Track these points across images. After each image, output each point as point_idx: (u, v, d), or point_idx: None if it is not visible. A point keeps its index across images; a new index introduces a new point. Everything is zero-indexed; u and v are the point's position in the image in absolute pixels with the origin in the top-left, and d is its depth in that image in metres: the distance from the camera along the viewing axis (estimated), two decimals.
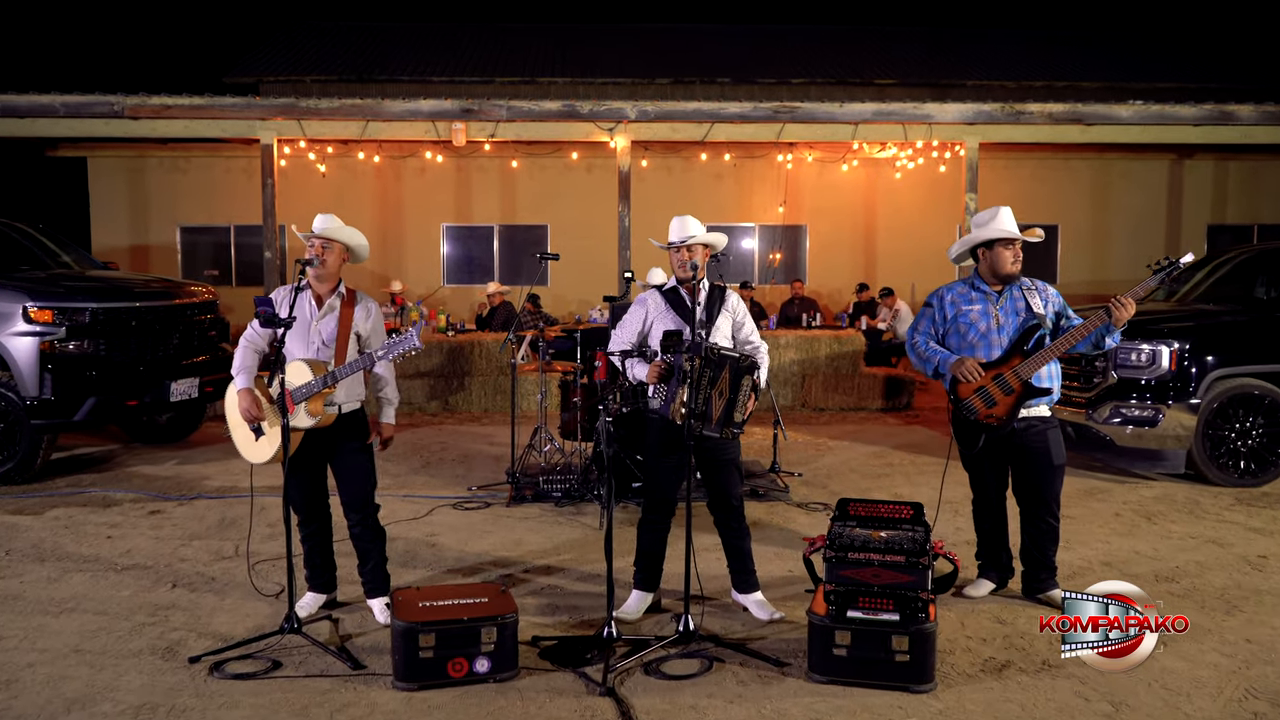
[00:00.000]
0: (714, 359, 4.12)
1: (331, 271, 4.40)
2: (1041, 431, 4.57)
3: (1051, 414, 4.63)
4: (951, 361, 4.58)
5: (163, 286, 8.63)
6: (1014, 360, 4.49)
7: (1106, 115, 10.74)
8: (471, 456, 8.41)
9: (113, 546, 5.71)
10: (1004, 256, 4.64)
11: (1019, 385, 4.46)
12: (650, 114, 10.73)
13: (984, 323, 4.62)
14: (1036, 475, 4.60)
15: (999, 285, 4.67)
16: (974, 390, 4.53)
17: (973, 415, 4.54)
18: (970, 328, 4.65)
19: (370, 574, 4.52)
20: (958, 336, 4.69)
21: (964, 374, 4.52)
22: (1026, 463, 4.61)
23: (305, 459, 4.38)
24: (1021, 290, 4.64)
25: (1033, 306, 4.58)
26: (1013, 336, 4.55)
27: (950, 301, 4.75)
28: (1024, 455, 4.60)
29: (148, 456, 8.41)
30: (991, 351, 4.58)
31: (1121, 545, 5.69)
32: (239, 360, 4.39)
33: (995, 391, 4.49)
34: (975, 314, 4.66)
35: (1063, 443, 4.65)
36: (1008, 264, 4.63)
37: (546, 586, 4.97)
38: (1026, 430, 4.55)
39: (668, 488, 4.45)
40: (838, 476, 7.60)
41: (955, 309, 4.72)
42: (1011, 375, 4.47)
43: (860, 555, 3.80)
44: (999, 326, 4.60)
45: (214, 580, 5.08)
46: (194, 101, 10.58)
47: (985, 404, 4.51)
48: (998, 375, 4.50)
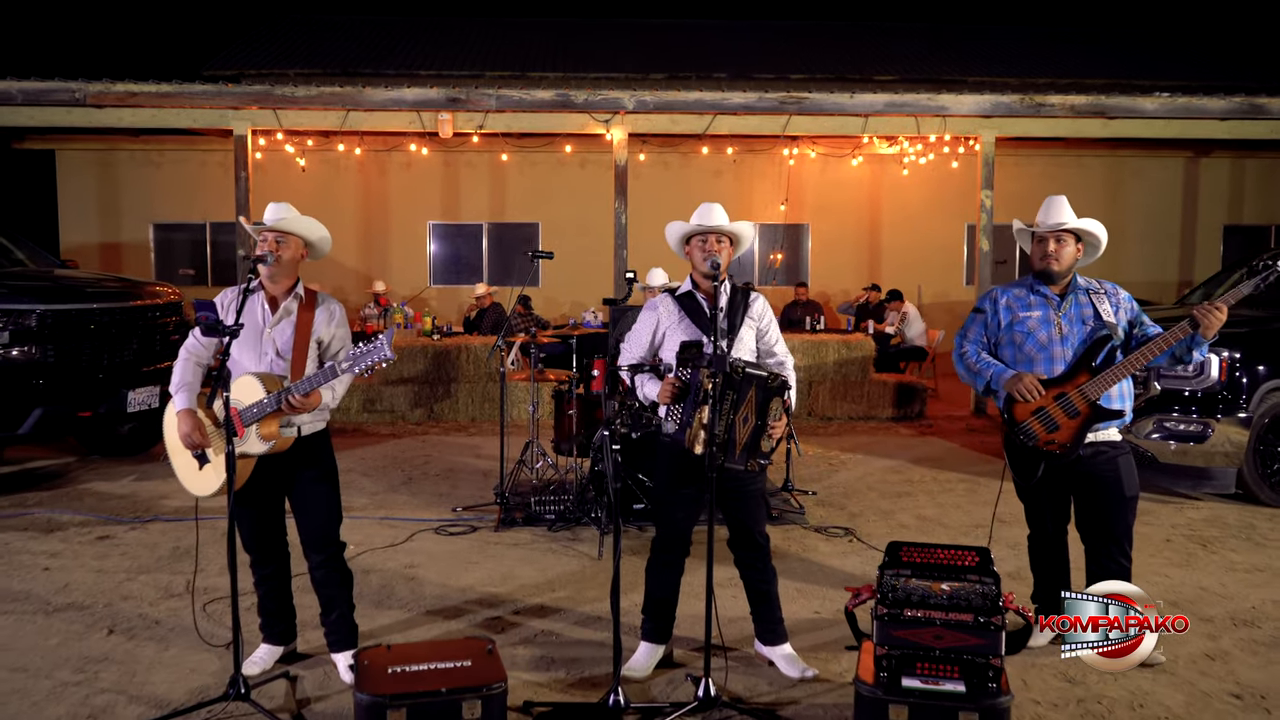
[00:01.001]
0: (738, 377, 3.48)
1: (287, 269, 3.75)
2: (1111, 458, 3.94)
3: (1122, 438, 4.01)
4: (1007, 377, 3.96)
5: (120, 286, 7.95)
6: (1080, 377, 3.86)
7: (1131, 108, 10.14)
8: (457, 471, 7.76)
9: (49, 581, 5.05)
10: (1034, 251, 4.08)
11: (1086, 407, 3.83)
12: (649, 104, 10.09)
13: (1044, 332, 4.00)
14: (1105, 508, 3.97)
15: (1061, 288, 4.05)
16: (1032, 412, 3.91)
17: (1031, 441, 3.92)
18: (1028, 337, 4.03)
19: (335, 624, 3.87)
20: (1013, 347, 4.07)
21: (1021, 392, 3.90)
22: (1093, 494, 3.98)
23: (258, 490, 3.74)
24: (1089, 294, 4.02)
25: (1102, 314, 3.96)
26: (1078, 349, 3.93)
27: (1005, 306, 4.13)
28: (1090, 485, 3.97)
29: (105, 471, 7.73)
30: (1053, 366, 3.96)
31: (1183, 579, 5.08)
32: (178, 376, 3.74)
33: (1058, 414, 3.87)
34: (1034, 321, 4.03)
35: (1135, 471, 4.03)
36: (1035, 260, 4.07)
37: (540, 633, 4.33)
38: (1094, 457, 3.93)
39: (682, 524, 3.82)
40: (855, 495, 6.97)
41: (1011, 315, 4.10)
42: (1077, 395, 3.84)
43: (919, 612, 3.17)
44: (1062, 337, 3.97)
45: (158, 624, 4.42)
46: (161, 89, 9.89)
47: (1046, 428, 3.89)
48: (1061, 395, 3.87)
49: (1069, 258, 4.03)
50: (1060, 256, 4.00)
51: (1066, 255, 4.02)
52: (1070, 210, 4.07)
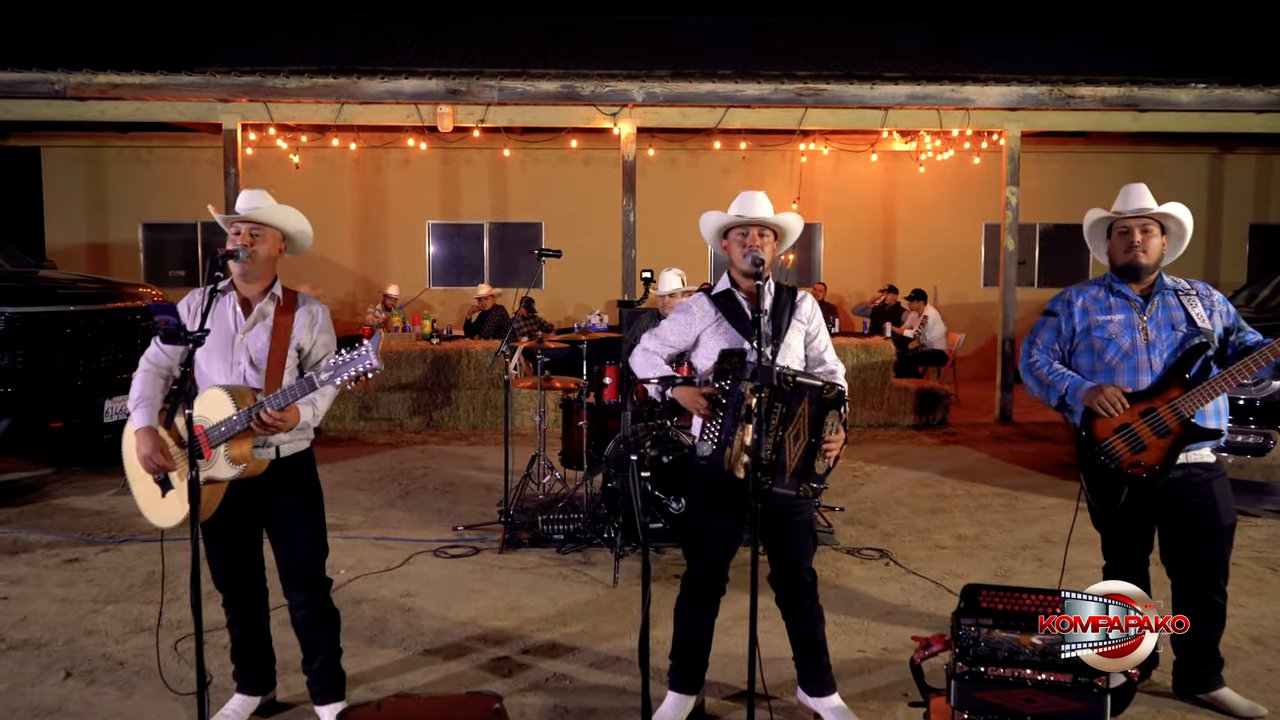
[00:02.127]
0: (788, 388, 2.98)
1: (262, 266, 3.25)
2: (1206, 482, 3.46)
3: (1217, 460, 3.52)
4: (1086, 390, 3.47)
5: (99, 288, 7.46)
6: (1172, 391, 3.37)
7: (1164, 100, 9.66)
8: (457, 485, 7.27)
9: (7, 612, 4.57)
10: (1116, 244, 3.60)
11: (1178, 425, 3.34)
12: (659, 96, 9.61)
13: (1128, 338, 3.51)
14: (1199, 539, 3.48)
15: (1145, 287, 3.56)
16: (1115, 429, 3.41)
17: (1114, 463, 3.42)
18: (1109, 344, 3.54)
19: (318, 673, 3.37)
20: (1091, 355, 3.59)
21: (1104, 406, 3.40)
22: (1184, 522, 3.49)
23: (230, 520, 3.25)
24: (1178, 296, 3.53)
25: (1195, 318, 3.47)
26: (1169, 359, 3.44)
27: (1081, 308, 3.63)
28: (1181, 513, 3.49)
29: (82, 485, 7.24)
30: (1138, 377, 3.47)
31: (1261, 610, 4.59)
32: (137, 389, 3.25)
33: (1145, 432, 3.38)
34: (1115, 326, 3.54)
35: (1231, 496, 3.53)
36: (1119, 253, 3.58)
37: (553, 676, 3.84)
38: (1185, 480, 3.44)
39: (718, 559, 3.31)
40: (885, 511, 6.49)
41: (1088, 319, 3.60)
42: (1168, 411, 3.35)
43: (1006, 671, 2.67)
44: (1148, 344, 3.48)
45: (122, 666, 3.94)
46: (145, 80, 9.40)
47: (1131, 448, 3.39)
48: (1148, 410, 3.38)
49: (1156, 250, 3.55)
50: (1148, 248, 3.53)
51: (1154, 247, 3.54)
52: (1152, 197, 3.60)
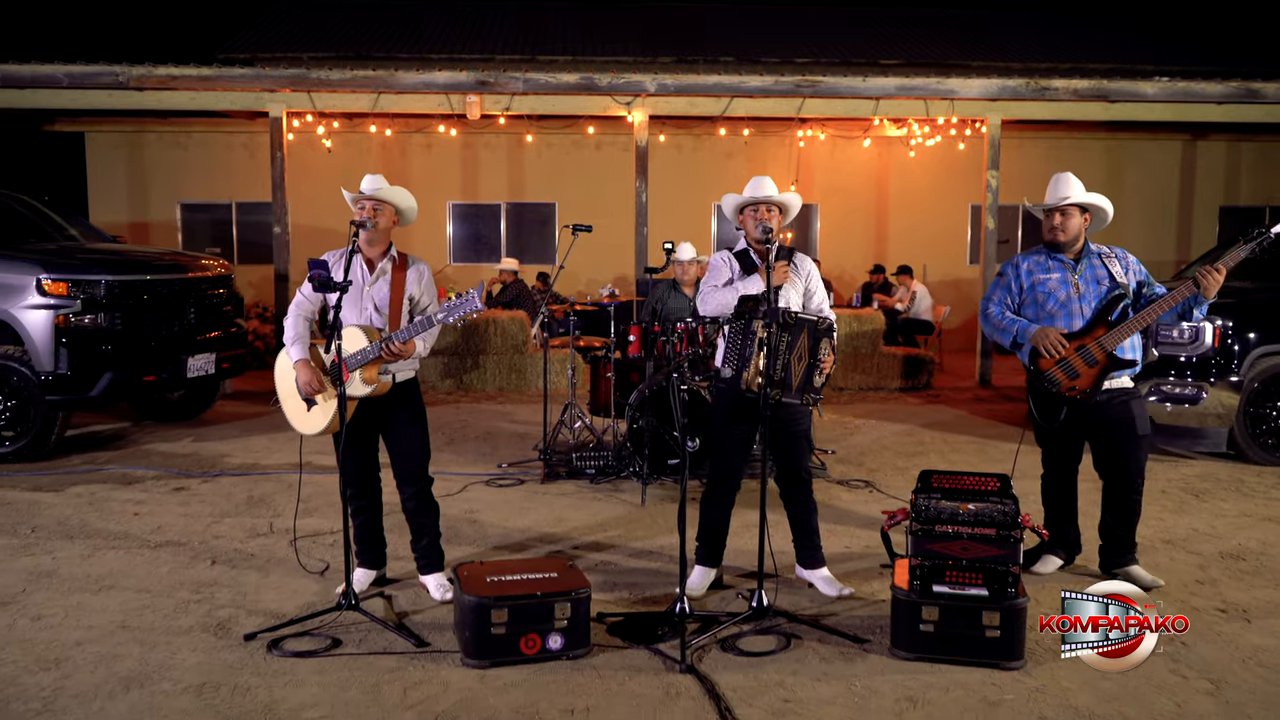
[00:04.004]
0: (792, 323, 3.96)
1: (383, 234, 4.23)
2: (1124, 402, 4.42)
3: (1134, 384, 4.48)
4: (1033, 332, 4.42)
5: (176, 260, 8.41)
6: (1097, 331, 4.33)
7: (1132, 92, 10.60)
8: (494, 434, 8.24)
9: (142, 524, 5.52)
10: (1044, 224, 4.54)
11: (1103, 357, 4.30)
12: (670, 87, 10.53)
13: (1064, 291, 4.46)
14: (1120, 447, 4.44)
15: (1075, 253, 4.51)
16: (1056, 362, 4.37)
17: (1055, 388, 4.39)
18: (1049, 297, 4.49)
19: (425, 550, 4.36)
20: (1036, 306, 4.54)
21: (1047, 346, 4.36)
22: (1109, 435, 4.46)
23: (359, 430, 4.21)
24: (1101, 258, 4.49)
25: (1114, 275, 4.43)
26: (1096, 306, 4.39)
27: (1027, 270, 4.59)
28: (1106, 428, 4.45)
29: (162, 434, 8.20)
30: (1072, 322, 4.42)
31: (1177, 523, 5.58)
32: (291, 329, 4.21)
33: (1078, 363, 4.33)
34: (1054, 283, 4.49)
35: (1146, 412, 4.51)
36: (1045, 232, 4.53)
37: (600, 563, 4.82)
38: (1109, 402, 4.40)
39: (736, 460, 4.30)
40: (872, 454, 7.47)
41: (1032, 277, 4.56)
42: (1095, 346, 4.31)
43: (948, 528, 3.65)
44: (1080, 295, 4.43)
45: (253, 557, 4.91)
46: (201, 73, 10.31)
47: (1068, 376, 4.35)
48: (1081, 347, 4.34)
49: (1074, 228, 4.49)
50: (1066, 228, 4.47)
51: (1072, 226, 4.48)
52: (1076, 185, 4.52)
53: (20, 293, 7.02)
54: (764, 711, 3.21)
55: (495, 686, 3.39)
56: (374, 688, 3.37)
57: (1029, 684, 3.42)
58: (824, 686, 3.40)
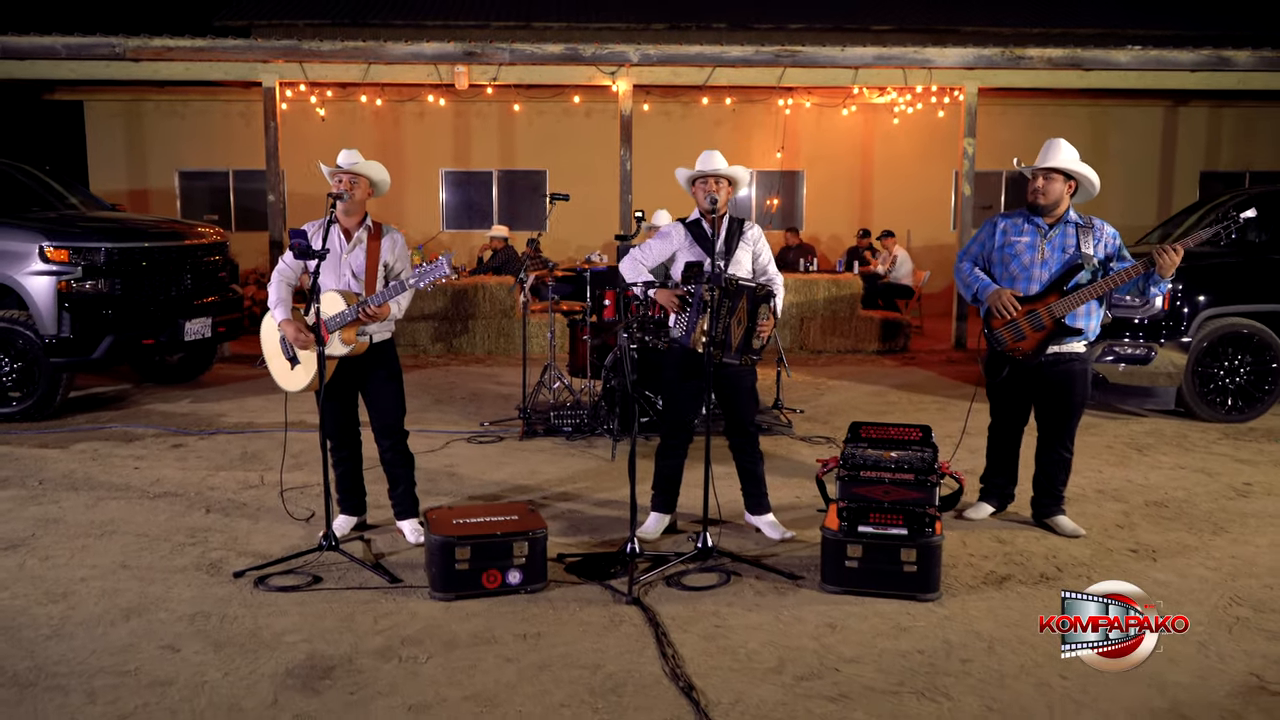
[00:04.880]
0: (733, 289, 4.29)
1: (358, 205, 4.54)
2: (1068, 368, 4.65)
3: (1085, 351, 4.70)
4: (990, 291, 4.67)
5: (173, 227, 8.73)
6: (1050, 298, 4.55)
7: (1105, 61, 10.83)
8: (480, 395, 8.60)
9: (142, 476, 5.90)
10: (1027, 187, 4.70)
11: (1051, 323, 4.54)
12: (653, 57, 10.78)
13: (1029, 255, 4.65)
14: (1056, 408, 4.74)
15: (1053, 219, 4.67)
16: (1006, 323, 4.62)
17: (1000, 346, 4.69)
18: (1014, 259, 4.69)
19: (400, 497, 4.73)
20: (1001, 266, 4.74)
21: (1000, 306, 4.61)
22: (1048, 396, 4.74)
23: (338, 387, 4.56)
24: (1075, 229, 4.64)
25: (1081, 246, 4.58)
26: (1055, 273, 4.59)
27: (1002, 230, 4.77)
28: (1047, 388, 4.72)
29: (161, 396, 8.57)
30: (1030, 286, 4.63)
31: (1114, 475, 5.93)
32: (274, 293, 4.55)
33: (1026, 326, 4.57)
34: (1022, 246, 4.68)
35: (1089, 381, 4.77)
36: (1028, 195, 4.69)
37: (566, 510, 5.19)
38: (1054, 364, 4.64)
39: (686, 414, 4.65)
40: (839, 413, 7.82)
41: (1004, 238, 4.74)
42: (1045, 312, 4.54)
43: (872, 474, 4.01)
44: (1043, 261, 4.62)
45: (245, 506, 5.28)
46: (195, 44, 10.57)
47: (1014, 337, 4.62)
48: (1031, 311, 4.56)
49: (1055, 194, 4.61)
50: (1047, 192, 4.61)
51: (1053, 191, 4.60)
52: (1066, 152, 4.62)
53: (24, 260, 7.35)
54: (697, 636, 3.58)
55: (458, 615, 3.77)
56: (349, 617, 3.75)
57: (940, 613, 3.79)
58: (754, 615, 3.77)
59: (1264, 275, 7.55)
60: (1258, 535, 4.75)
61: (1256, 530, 4.84)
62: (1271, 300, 7.43)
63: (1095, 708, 3.08)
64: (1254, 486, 5.62)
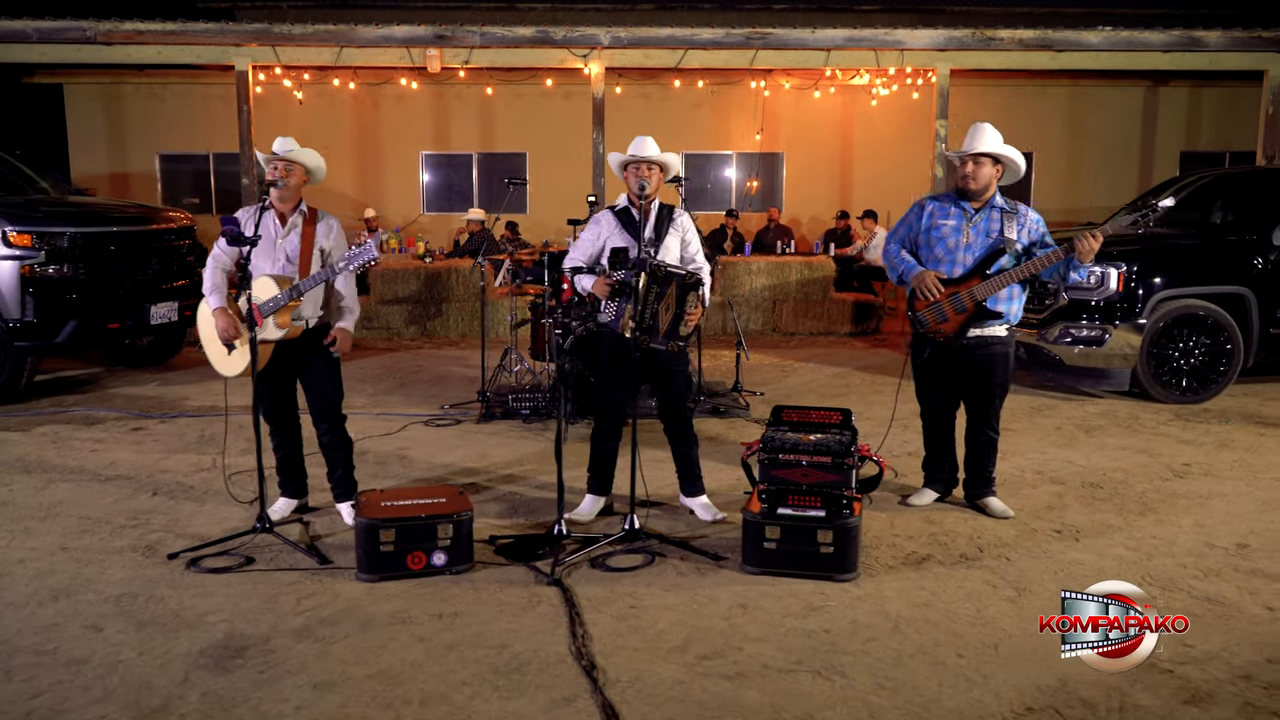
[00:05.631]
0: (660, 276, 4.34)
1: (293, 191, 4.59)
2: (991, 350, 4.69)
3: (1007, 334, 4.74)
4: (915, 273, 4.72)
5: (140, 212, 8.78)
6: (973, 281, 4.60)
7: (1076, 42, 10.83)
8: (446, 378, 8.67)
9: (97, 459, 5.97)
10: (957, 172, 4.74)
11: (972, 305, 4.60)
12: (624, 40, 10.78)
13: (953, 238, 4.69)
14: (979, 391, 4.81)
15: (979, 203, 4.70)
16: (928, 305, 4.69)
17: (922, 328, 4.75)
18: (939, 242, 4.73)
19: (338, 480, 4.79)
20: (927, 248, 4.77)
21: (923, 288, 4.66)
22: (971, 379, 4.80)
23: (275, 372, 4.62)
24: (1001, 213, 4.67)
25: (1005, 230, 4.62)
26: (978, 257, 4.63)
27: (929, 213, 4.80)
28: (969, 371, 4.78)
29: (129, 379, 8.64)
30: (954, 269, 4.67)
31: (1056, 456, 6.00)
32: (209, 279, 4.60)
33: (948, 308, 4.64)
34: (948, 229, 4.71)
35: (1010, 363, 4.81)
36: (957, 180, 4.73)
37: (508, 493, 5.27)
38: (976, 348, 4.69)
39: (619, 398, 4.71)
40: (797, 396, 7.88)
41: (931, 220, 4.77)
42: (966, 295, 4.60)
43: (790, 456, 4.07)
44: (967, 245, 4.66)
45: (193, 489, 5.35)
46: (166, 27, 10.58)
47: (937, 319, 4.69)
48: (954, 294, 4.61)
49: (985, 178, 4.64)
50: (977, 176, 4.63)
51: (982, 175, 4.64)
52: (991, 136, 4.65)
53: None
54: (610, 616, 3.66)
55: (380, 596, 3.84)
56: (273, 598, 3.83)
57: (853, 593, 3.87)
58: (671, 595, 3.85)
59: (1220, 257, 7.60)
60: (1183, 516, 4.82)
61: (1184, 510, 4.91)
62: (1227, 282, 7.48)
63: (986, 686, 3.15)
64: (1192, 468, 5.69)
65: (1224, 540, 4.47)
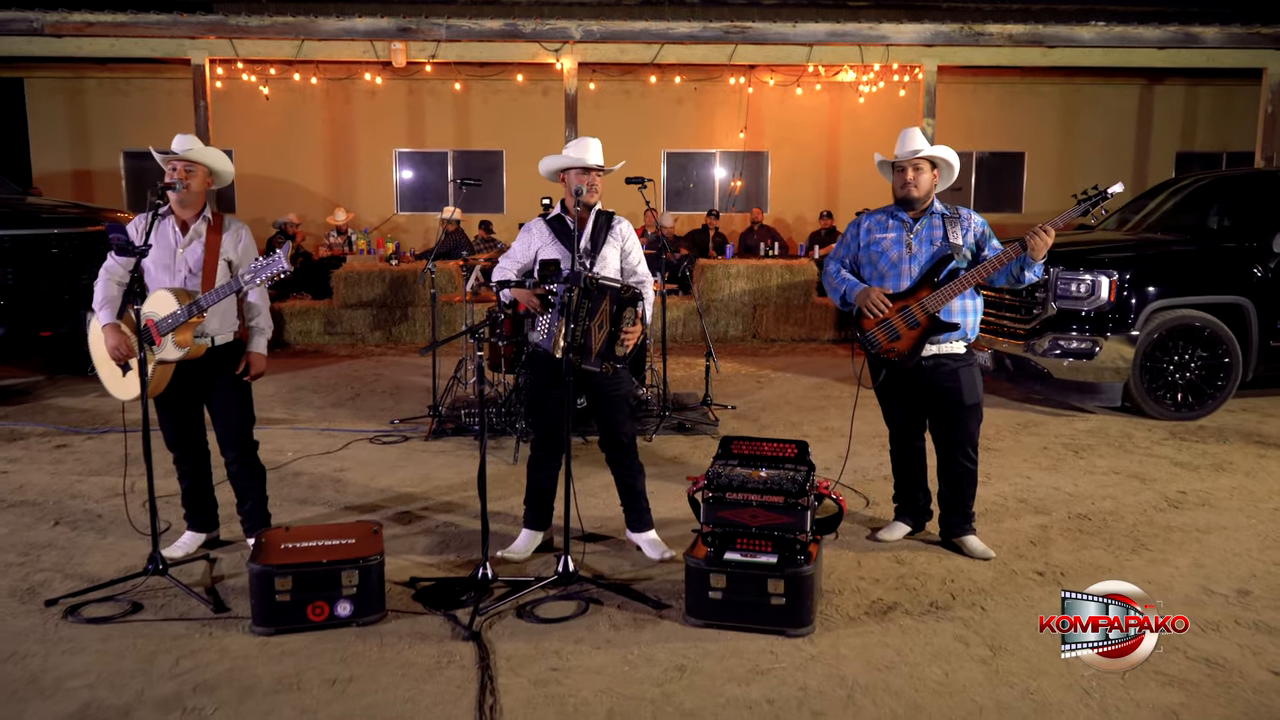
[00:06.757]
0: (593, 289, 3.90)
1: (196, 196, 4.14)
2: (953, 370, 4.31)
3: (967, 350, 4.36)
4: (858, 291, 4.35)
5: (79, 213, 8.32)
6: (922, 292, 4.23)
7: (1068, 37, 10.39)
8: (403, 389, 8.22)
9: (6, 482, 5.53)
10: (895, 180, 4.36)
11: (925, 319, 4.22)
12: (596, 34, 10.33)
13: (895, 251, 4.34)
14: (948, 415, 4.38)
15: (917, 212, 4.37)
16: (878, 323, 4.30)
17: (874, 349, 4.34)
18: (881, 256, 4.37)
19: (249, 513, 4.36)
20: (870, 265, 4.42)
21: (869, 306, 4.28)
22: (937, 402, 4.39)
23: (177, 394, 4.18)
24: (942, 219, 4.32)
25: (950, 236, 4.28)
26: (924, 266, 4.28)
27: (866, 229, 4.46)
28: (934, 395, 4.37)
29: (70, 388, 8.18)
30: (901, 282, 4.31)
31: (1042, 481, 5.56)
32: (99, 294, 4.16)
33: (900, 325, 4.26)
34: (888, 242, 4.36)
35: (978, 381, 4.40)
36: (896, 188, 4.35)
37: (442, 524, 4.83)
38: (936, 369, 4.30)
39: (554, 423, 4.26)
40: (771, 409, 7.45)
41: (869, 236, 4.43)
42: (918, 308, 4.23)
43: (739, 495, 3.63)
44: (911, 256, 4.30)
45: (100, 518, 4.91)
46: (117, 18, 10.11)
47: (888, 337, 4.29)
48: (904, 308, 4.25)
49: (926, 184, 4.30)
50: (919, 183, 4.28)
51: (924, 181, 4.29)
52: (923, 139, 4.41)
53: None
54: (527, 681, 3.22)
55: (272, 654, 3.40)
56: (150, 656, 3.38)
57: (807, 651, 3.43)
58: (601, 655, 3.41)
59: (1218, 265, 7.18)
60: (1179, 554, 4.39)
61: (1180, 547, 4.48)
62: (1225, 291, 7.05)
63: None
64: (1188, 496, 5.26)
65: (1224, 584, 4.04)
